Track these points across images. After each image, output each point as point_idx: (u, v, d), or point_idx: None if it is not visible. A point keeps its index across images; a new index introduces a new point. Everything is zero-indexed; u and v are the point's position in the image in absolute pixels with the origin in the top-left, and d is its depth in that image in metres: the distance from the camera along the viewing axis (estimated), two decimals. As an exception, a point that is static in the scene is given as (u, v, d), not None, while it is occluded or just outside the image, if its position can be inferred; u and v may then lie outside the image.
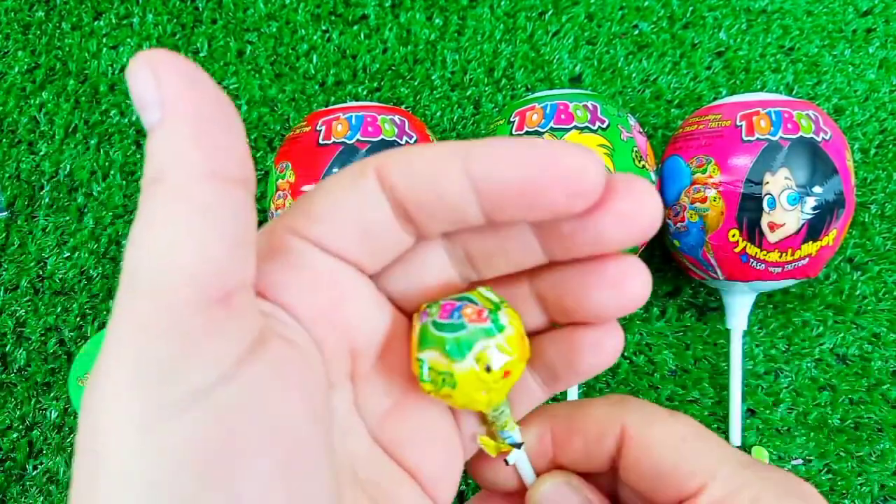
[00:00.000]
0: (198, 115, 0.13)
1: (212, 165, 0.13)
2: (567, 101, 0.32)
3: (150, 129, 0.13)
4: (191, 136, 0.13)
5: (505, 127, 0.33)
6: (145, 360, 0.12)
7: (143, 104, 0.12)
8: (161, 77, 0.12)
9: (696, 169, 0.33)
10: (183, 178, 0.12)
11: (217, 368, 0.12)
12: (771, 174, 0.31)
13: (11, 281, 0.39)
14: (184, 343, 0.12)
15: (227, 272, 0.13)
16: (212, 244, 0.12)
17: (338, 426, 0.17)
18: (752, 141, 0.31)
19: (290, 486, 0.13)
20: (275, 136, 0.41)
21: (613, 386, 0.37)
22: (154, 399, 0.12)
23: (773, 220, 0.31)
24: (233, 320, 0.13)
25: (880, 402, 0.37)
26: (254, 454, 0.13)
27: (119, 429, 0.12)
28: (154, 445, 0.12)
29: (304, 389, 0.14)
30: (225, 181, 0.13)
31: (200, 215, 0.12)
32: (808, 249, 0.31)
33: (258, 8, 0.42)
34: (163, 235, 0.12)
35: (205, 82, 0.13)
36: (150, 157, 0.13)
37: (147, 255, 0.12)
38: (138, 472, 0.12)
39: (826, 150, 0.31)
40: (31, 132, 0.41)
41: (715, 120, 0.33)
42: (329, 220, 0.16)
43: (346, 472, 0.16)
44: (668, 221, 0.34)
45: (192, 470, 0.12)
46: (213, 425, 0.12)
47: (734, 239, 0.32)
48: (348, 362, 0.17)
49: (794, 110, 0.32)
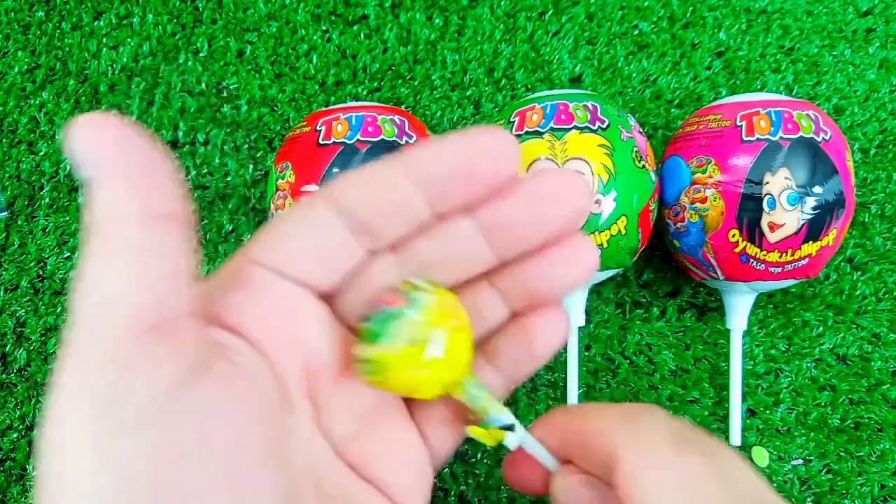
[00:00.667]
0: (129, 166, 0.14)
1: (145, 208, 0.14)
2: (567, 101, 0.32)
3: (90, 184, 0.14)
4: (124, 184, 0.14)
5: (505, 127, 0.33)
6: (91, 386, 0.13)
7: (82, 163, 0.14)
8: (96, 137, 0.14)
9: (696, 169, 0.33)
10: (119, 221, 0.14)
11: (158, 390, 0.14)
12: (771, 174, 0.31)
13: (11, 281, 0.39)
14: (124, 369, 0.13)
15: (163, 303, 0.14)
16: (147, 278, 0.14)
17: (301, 444, 0.17)
18: (752, 141, 0.31)
19: (236, 499, 0.14)
20: (275, 136, 0.41)
21: (613, 386, 0.37)
22: (104, 421, 0.13)
23: (774, 220, 0.31)
24: (171, 346, 0.14)
25: (880, 402, 0.37)
26: (200, 468, 0.14)
27: (75, 450, 0.13)
28: (108, 463, 0.13)
29: (250, 408, 0.15)
30: (158, 221, 0.14)
31: (135, 253, 0.14)
32: (808, 249, 0.31)
33: (258, 8, 0.42)
34: (102, 272, 0.14)
35: (135, 138, 0.14)
36: (91, 206, 0.14)
37: (89, 290, 0.14)
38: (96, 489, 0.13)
39: (826, 150, 0.31)
40: (31, 132, 0.41)
41: (715, 120, 0.33)
42: (285, 248, 0.18)
43: (307, 486, 0.17)
44: (668, 221, 0.34)
45: (144, 483, 0.13)
46: (159, 442, 0.13)
47: (734, 239, 0.32)
48: (304, 382, 0.18)
49: (794, 110, 0.32)
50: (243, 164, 0.40)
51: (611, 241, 0.32)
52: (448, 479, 0.36)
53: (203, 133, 0.40)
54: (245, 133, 0.41)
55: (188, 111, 0.41)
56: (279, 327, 0.17)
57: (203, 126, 0.41)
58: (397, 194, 0.18)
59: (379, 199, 0.18)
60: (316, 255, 0.18)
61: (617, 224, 0.31)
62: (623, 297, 0.39)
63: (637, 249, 0.33)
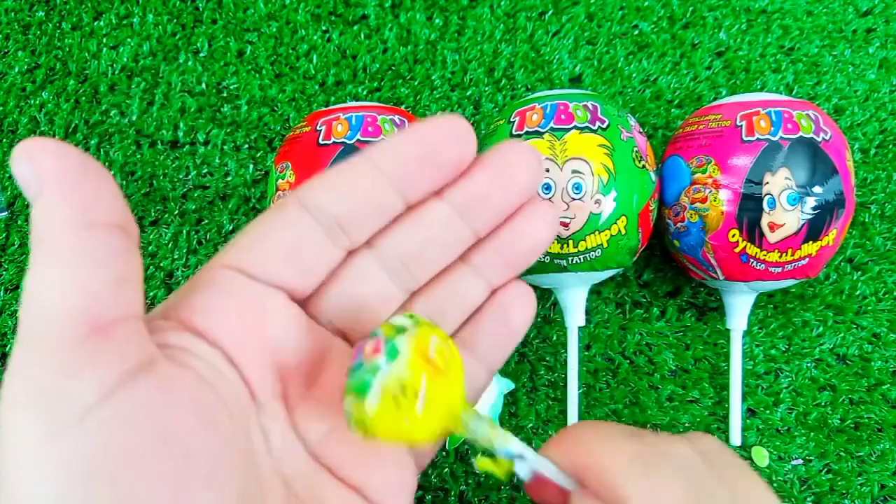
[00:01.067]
0: (65, 178, 0.15)
1: (81, 216, 0.15)
2: (567, 100, 0.32)
3: (33, 201, 0.15)
4: (60, 194, 0.15)
5: (505, 127, 0.33)
6: (34, 386, 0.14)
7: (24, 184, 0.15)
8: (35, 158, 0.14)
9: (696, 169, 0.33)
10: (56, 229, 0.14)
11: (98, 390, 0.14)
12: (771, 174, 0.31)
13: (11, 281, 0.39)
14: (63, 373, 0.14)
15: (104, 307, 0.15)
16: (85, 284, 0.14)
17: (272, 444, 0.17)
18: (752, 141, 0.31)
19: (178, 495, 0.14)
20: (275, 137, 0.41)
21: (614, 386, 0.37)
22: (47, 419, 0.14)
23: (774, 220, 0.31)
24: (111, 348, 0.15)
25: (880, 402, 0.37)
26: (142, 464, 0.14)
27: (21, 448, 0.14)
28: (50, 466, 0.13)
29: (198, 408, 0.16)
30: (96, 228, 0.15)
31: (73, 260, 0.14)
32: (808, 249, 0.31)
33: (258, 8, 0.42)
34: (43, 279, 0.14)
35: (72, 153, 0.15)
36: (33, 222, 0.15)
37: (31, 297, 0.14)
38: (42, 484, 0.13)
39: (826, 150, 0.31)
40: (31, 132, 0.41)
41: (715, 120, 0.33)
42: (256, 250, 0.18)
43: (274, 488, 0.17)
44: (668, 221, 0.34)
45: (84, 484, 0.14)
46: (100, 439, 0.14)
47: (734, 239, 0.32)
48: (276, 383, 0.18)
49: (794, 110, 0.32)
50: (243, 164, 0.40)
51: (611, 241, 0.32)
52: (448, 478, 0.36)
53: (203, 133, 0.40)
54: (245, 133, 0.41)
55: (188, 111, 0.41)
56: (247, 329, 0.18)
57: (203, 126, 0.41)
58: (368, 189, 0.18)
59: (350, 196, 0.18)
60: (288, 257, 0.18)
61: (617, 224, 0.31)
62: (623, 297, 0.39)
63: (637, 249, 0.33)
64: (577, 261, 0.32)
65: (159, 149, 0.40)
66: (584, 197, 0.31)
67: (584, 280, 0.33)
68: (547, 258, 0.32)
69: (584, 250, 0.31)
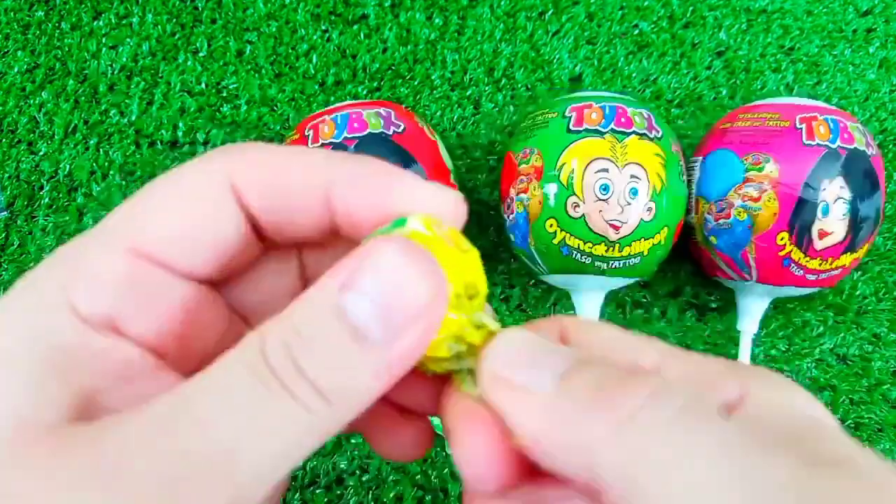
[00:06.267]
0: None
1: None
2: (624, 105, 0.32)
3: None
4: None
5: (560, 121, 0.32)
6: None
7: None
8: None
9: (750, 166, 0.32)
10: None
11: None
12: (829, 181, 0.31)
13: (11, 281, 0.39)
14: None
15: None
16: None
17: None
18: (813, 146, 0.31)
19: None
20: (274, 137, 0.41)
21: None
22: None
23: (824, 227, 0.31)
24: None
25: (880, 402, 0.37)
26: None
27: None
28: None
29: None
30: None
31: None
32: (844, 260, 0.31)
33: (258, 8, 0.42)
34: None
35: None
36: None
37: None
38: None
39: (874, 165, 0.31)
40: (31, 132, 0.41)
41: (772, 119, 0.32)
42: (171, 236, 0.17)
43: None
44: (707, 217, 0.33)
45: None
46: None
47: (782, 242, 0.31)
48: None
49: (848, 121, 0.32)
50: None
51: (651, 250, 0.31)
52: (448, 478, 0.36)
53: (203, 133, 0.40)
54: (244, 133, 0.41)
55: (188, 111, 0.41)
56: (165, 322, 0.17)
57: (202, 126, 0.41)
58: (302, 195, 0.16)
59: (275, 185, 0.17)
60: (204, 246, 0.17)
61: (660, 234, 0.31)
62: (623, 297, 0.39)
63: (670, 246, 0.33)
64: (617, 265, 0.32)
65: (159, 149, 0.40)
66: (639, 203, 0.31)
67: (602, 284, 0.33)
68: (588, 259, 0.31)
69: (627, 256, 0.31)
